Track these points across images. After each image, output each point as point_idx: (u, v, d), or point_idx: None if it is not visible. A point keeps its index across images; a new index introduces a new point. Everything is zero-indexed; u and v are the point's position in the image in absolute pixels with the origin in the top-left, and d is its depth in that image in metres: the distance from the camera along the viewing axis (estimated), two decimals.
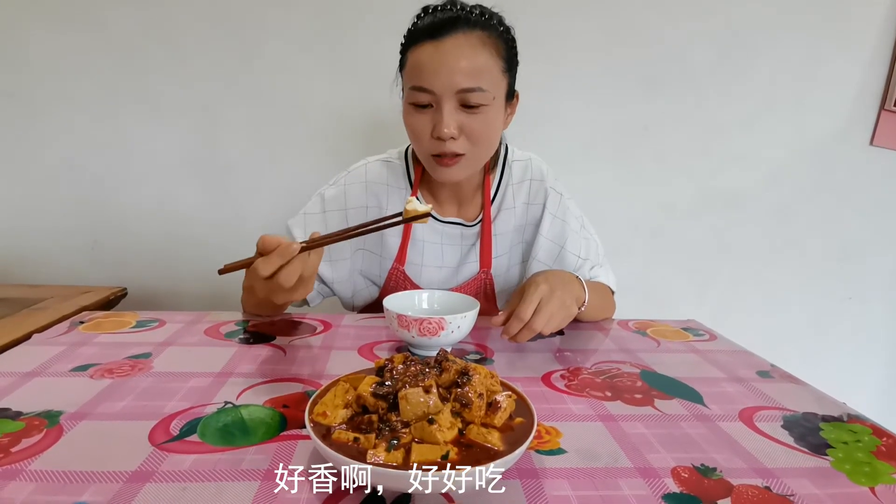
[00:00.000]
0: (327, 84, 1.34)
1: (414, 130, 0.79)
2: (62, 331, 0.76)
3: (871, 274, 1.59)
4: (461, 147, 0.78)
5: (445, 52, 0.73)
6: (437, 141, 0.77)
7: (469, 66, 0.73)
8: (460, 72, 0.73)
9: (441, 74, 0.73)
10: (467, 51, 0.73)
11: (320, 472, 0.42)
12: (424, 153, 0.81)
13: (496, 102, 0.77)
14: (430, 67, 0.74)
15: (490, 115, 0.77)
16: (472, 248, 0.94)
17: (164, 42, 1.29)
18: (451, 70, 0.73)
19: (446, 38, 0.73)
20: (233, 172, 1.39)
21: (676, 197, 1.49)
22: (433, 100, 0.75)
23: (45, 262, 1.40)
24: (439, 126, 0.75)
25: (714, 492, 0.43)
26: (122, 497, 0.40)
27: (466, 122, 0.76)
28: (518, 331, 0.69)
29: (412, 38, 0.77)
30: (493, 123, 0.79)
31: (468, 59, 0.73)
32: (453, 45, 0.73)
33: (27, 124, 1.32)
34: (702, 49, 1.38)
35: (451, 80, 0.73)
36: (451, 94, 0.74)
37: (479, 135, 0.78)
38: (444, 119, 0.75)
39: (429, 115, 0.77)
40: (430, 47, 0.74)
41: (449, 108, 0.75)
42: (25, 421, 0.50)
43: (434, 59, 0.73)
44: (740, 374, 0.69)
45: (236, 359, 0.67)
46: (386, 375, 0.47)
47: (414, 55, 0.76)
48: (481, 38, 0.74)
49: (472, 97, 0.74)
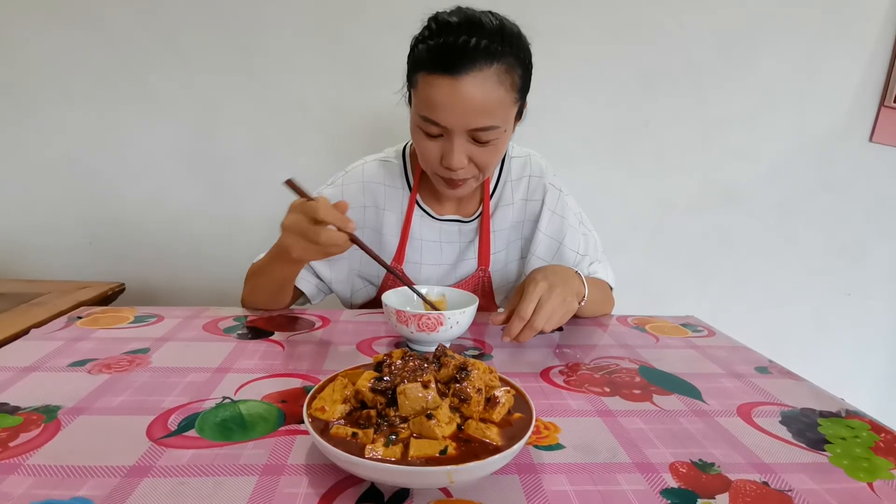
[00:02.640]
0: (326, 79, 1.33)
1: (422, 153, 0.79)
2: (60, 326, 0.76)
3: (871, 270, 1.60)
4: (468, 174, 0.78)
5: (460, 91, 0.69)
6: (445, 168, 0.77)
7: (484, 107, 0.71)
8: (475, 112, 0.71)
9: (454, 114, 0.71)
10: (482, 91, 0.70)
11: (318, 468, 0.42)
12: (431, 172, 0.81)
13: (506, 133, 0.77)
14: (442, 105, 0.71)
15: (499, 145, 0.77)
16: (469, 245, 0.93)
17: (161, 37, 1.28)
18: (463, 111, 0.71)
19: (462, 75, 0.69)
20: (231, 168, 1.38)
21: (676, 193, 1.49)
22: (444, 132, 0.74)
23: (43, 258, 1.40)
24: (448, 158, 0.75)
25: (712, 487, 0.43)
26: (119, 492, 0.40)
27: (476, 153, 0.76)
28: (520, 331, 0.69)
29: (424, 61, 0.72)
30: (502, 149, 0.79)
31: (484, 99, 0.70)
32: (468, 85, 0.69)
33: (25, 120, 1.32)
34: (702, 45, 1.38)
35: (464, 121, 0.72)
36: (462, 131, 0.73)
37: (488, 163, 0.78)
38: (455, 153, 0.74)
39: (439, 143, 0.76)
40: (444, 83, 0.70)
41: (459, 143, 0.74)
42: (23, 416, 0.50)
43: (448, 98, 0.70)
44: (738, 370, 0.69)
45: (235, 354, 0.67)
46: (384, 371, 0.47)
47: (427, 84, 0.71)
48: (498, 74, 0.70)
49: (483, 135, 0.74)
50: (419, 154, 0.80)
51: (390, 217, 0.91)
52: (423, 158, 0.80)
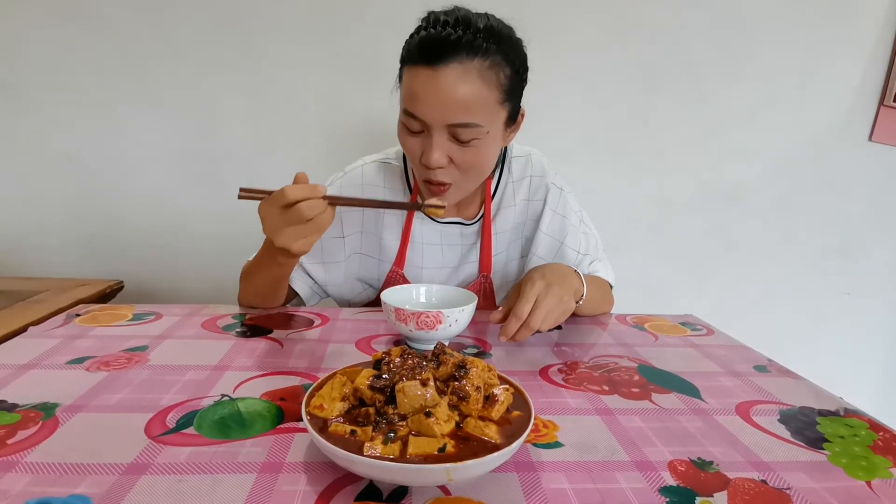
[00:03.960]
0: (326, 77, 1.33)
1: (406, 151, 0.78)
2: (58, 323, 0.75)
3: (870, 269, 1.60)
4: (449, 176, 0.76)
5: (439, 82, 0.69)
6: (425, 167, 0.76)
7: (462, 101, 0.69)
8: (453, 106, 0.70)
9: (432, 106, 0.70)
10: (463, 84, 0.69)
11: (317, 465, 0.42)
12: (417, 175, 0.81)
13: (490, 135, 0.74)
14: (422, 96, 0.70)
15: (482, 148, 0.75)
16: (471, 248, 0.93)
17: (161, 35, 1.28)
18: (443, 103, 0.69)
19: (442, 66, 0.68)
20: (230, 166, 1.38)
21: (676, 191, 1.49)
22: (424, 126, 0.73)
23: (41, 255, 1.40)
24: (427, 154, 0.73)
25: (711, 485, 0.43)
26: (117, 489, 0.40)
27: (456, 153, 0.74)
28: (517, 330, 0.69)
29: (410, 53, 0.72)
30: (486, 154, 0.76)
31: (463, 93, 0.69)
32: (448, 76, 0.68)
33: (24, 117, 1.31)
34: (702, 44, 1.38)
35: (443, 114, 0.70)
36: (441, 127, 0.72)
37: (469, 167, 0.76)
38: (433, 150, 0.73)
39: (420, 139, 0.75)
40: (425, 74, 0.69)
41: (439, 140, 0.73)
42: (21, 413, 0.50)
43: (427, 88, 0.69)
44: (737, 369, 0.69)
45: (233, 352, 0.67)
46: (383, 368, 0.47)
47: (409, 76, 0.72)
48: (480, 69, 0.69)
49: (463, 132, 0.72)
50: (405, 154, 0.79)
51: (391, 219, 0.90)
52: (408, 158, 0.79)
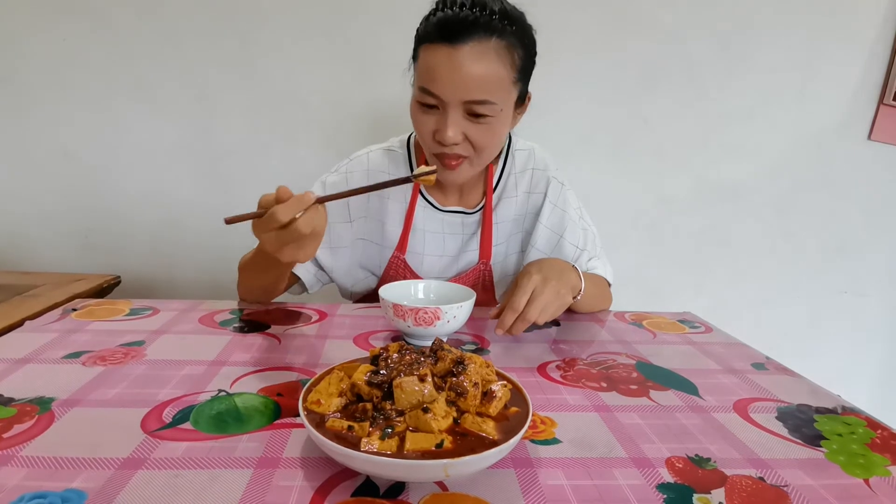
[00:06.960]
0: (325, 72, 1.32)
1: (419, 128, 0.79)
2: (55, 318, 0.75)
3: (868, 268, 1.60)
4: (463, 150, 0.78)
5: (458, 60, 0.70)
6: (439, 143, 0.77)
7: (480, 79, 0.71)
8: (471, 83, 0.71)
9: (451, 83, 0.71)
10: (480, 62, 0.71)
11: (314, 461, 0.42)
12: (428, 151, 0.81)
13: (503, 113, 0.76)
14: (440, 73, 0.71)
15: (496, 125, 0.76)
16: (472, 237, 0.94)
17: (159, 29, 1.27)
18: (461, 80, 0.71)
19: (460, 45, 0.70)
20: (228, 161, 1.37)
21: (675, 189, 1.49)
22: (440, 103, 0.74)
23: (38, 250, 1.39)
24: (443, 131, 0.75)
25: (708, 482, 0.43)
26: (113, 483, 0.40)
27: (471, 129, 0.76)
28: (512, 322, 0.69)
29: (427, 32, 0.73)
30: (498, 132, 0.78)
31: (480, 70, 0.71)
32: (467, 54, 0.70)
33: (22, 112, 1.30)
34: (702, 42, 1.38)
35: (460, 91, 0.72)
36: (458, 104, 0.73)
37: (483, 143, 0.77)
38: (449, 126, 0.74)
39: (434, 116, 0.76)
40: (444, 52, 0.71)
41: (454, 116, 0.74)
42: (17, 407, 0.50)
43: (445, 65, 0.71)
44: (735, 366, 0.69)
45: (231, 347, 0.67)
46: (381, 364, 0.47)
47: (427, 54, 0.73)
48: (497, 48, 0.71)
49: (479, 108, 0.73)
50: (417, 131, 0.80)
51: (394, 206, 0.91)
52: (420, 134, 0.79)
